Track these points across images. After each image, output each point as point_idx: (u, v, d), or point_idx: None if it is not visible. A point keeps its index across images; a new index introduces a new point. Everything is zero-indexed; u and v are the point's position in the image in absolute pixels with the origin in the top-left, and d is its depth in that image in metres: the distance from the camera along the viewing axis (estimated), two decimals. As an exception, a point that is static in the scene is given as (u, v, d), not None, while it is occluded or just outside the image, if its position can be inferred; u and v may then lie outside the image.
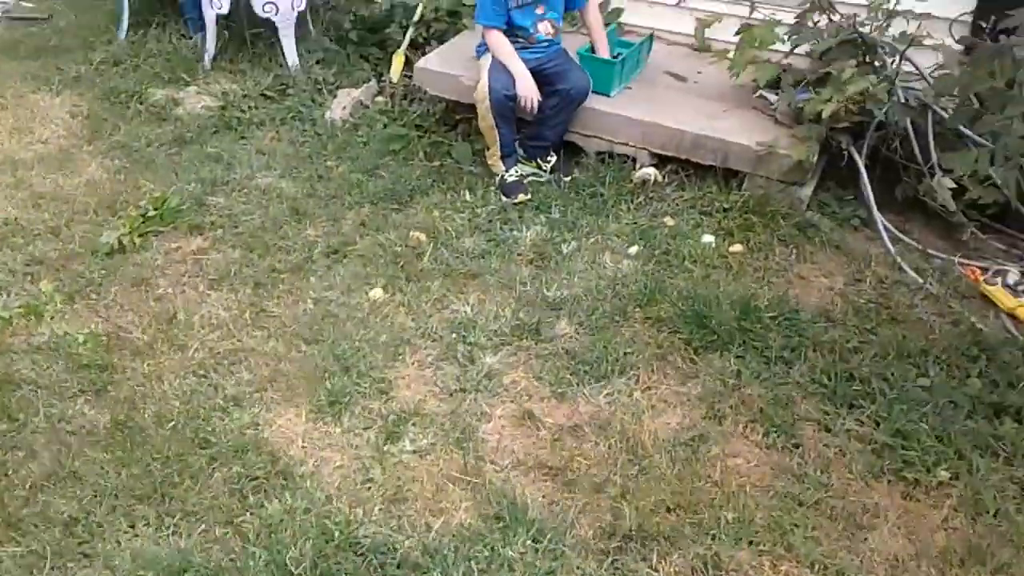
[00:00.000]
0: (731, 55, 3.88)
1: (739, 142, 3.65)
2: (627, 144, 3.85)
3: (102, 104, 4.25)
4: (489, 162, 3.87)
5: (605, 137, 3.88)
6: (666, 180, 3.82)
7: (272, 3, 4.34)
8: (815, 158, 3.59)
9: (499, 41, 3.70)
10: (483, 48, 3.81)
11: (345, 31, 4.70)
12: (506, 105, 3.67)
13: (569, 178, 3.89)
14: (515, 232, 3.57)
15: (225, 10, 4.37)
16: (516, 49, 3.73)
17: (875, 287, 3.34)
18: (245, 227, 3.53)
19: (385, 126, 4.25)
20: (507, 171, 3.81)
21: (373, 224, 3.59)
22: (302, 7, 4.47)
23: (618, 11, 4.48)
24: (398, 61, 4.54)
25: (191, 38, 4.68)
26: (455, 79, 4.01)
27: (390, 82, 4.52)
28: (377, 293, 3.21)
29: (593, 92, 3.81)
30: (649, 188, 3.79)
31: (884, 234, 3.53)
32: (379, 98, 4.46)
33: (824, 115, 3.42)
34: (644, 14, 4.48)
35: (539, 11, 3.76)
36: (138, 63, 4.56)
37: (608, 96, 3.89)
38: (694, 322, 3.07)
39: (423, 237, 3.54)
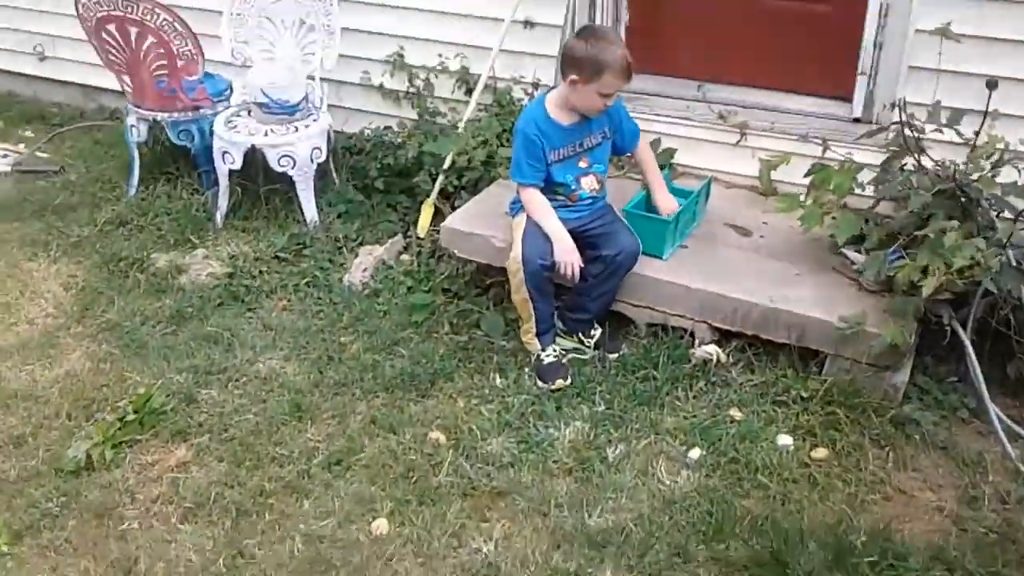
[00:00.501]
0: (803, 201, 3.32)
1: (818, 317, 3.06)
2: (684, 316, 3.28)
3: (100, 273, 3.87)
4: (523, 339, 3.34)
5: (658, 308, 3.32)
6: (730, 360, 3.23)
7: (289, 156, 3.95)
8: (912, 338, 2.97)
9: (535, 199, 3.21)
10: (518, 205, 3.33)
11: (371, 179, 4.28)
12: (543, 276, 3.16)
13: (616, 355, 3.33)
14: (551, 430, 3.01)
15: (238, 165, 4.00)
16: (555, 208, 3.24)
17: (995, 507, 2.69)
18: (237, 430, 3.04)
19: (409, 289, 3.77)
20: (544, 351, 3.27)
21: (385, 421, 3.07)
22: (322, 159, 4.07)
23: (670, 151, 3.97)
24: (426, 213, 4.09)
25: (203, 193, 4.31)
26: (485, 240, 3.52)
27: (416, 237, 4.06)
28: (381, 525, 2.66)
29: (643, 254, 3.28)
30: (711, 370, 3.20)
31: (999, 428, 2.86)
32: (404, 256, 4.00)
33: (925, 292, 2.81)
34: (699, 154, 3.96)
35: (583, 164, 3.27)
36: (145, 223, 4.19)
37: (660, 259, 3.34)
38: (772, 569, 2.45)
39: (443, 439, 3.00)
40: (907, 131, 3.12)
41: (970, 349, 2.96)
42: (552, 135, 3.16)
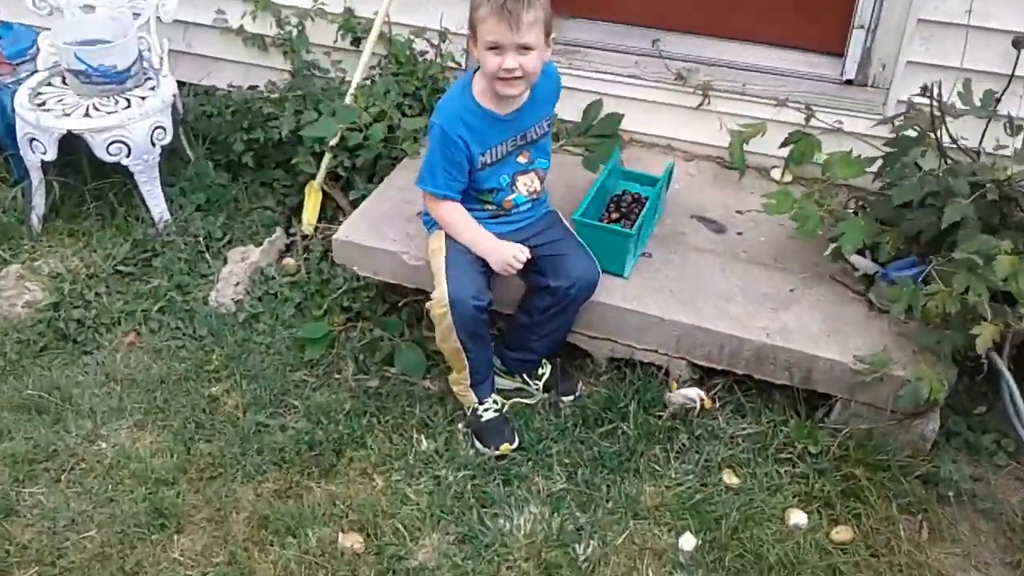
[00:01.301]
0: (795, 203, 2.64)
1: (827, 357, 2.42)
2: (656, 352, 2.60)
3: None
4: (454, 388, 2.60)
5: (622, 341, 2.62)
6: (717, 404, 2.59)
7: (121, 142, 2.98)
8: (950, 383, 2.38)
9: (450, 215, 2.45)
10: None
11: (237, 154, 3.35)
12: (479, 319, 2.40)
13: (572, 398, 2.64)
14: (501, 520, 2.32)
15: (51, 155, 3.00)
16: (482, 221, 2.48)
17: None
18: (75, 554, 2.22)
19: (299, 309, 2.95)
20: (482, 404, 2.54)
21: (279, 520, 2.31)
22: (167, 139, 3.11)
23: (616, 117, 3.21)
24: (312, 201, 3.23)
25: (15, 186, 3.29)
26: (393, 257, 2.71)
27: (302, 234, 3.20)
28: None
29: (601, 271, 2.57)
30: (693, 420, 2.55)
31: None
32: (288, 260, 3.15)
33: (980, 346, 2.21)
34: (652, 120, 3.22)
35: (522, 159, 2.49)
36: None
37: (621, 276, 2.63)
38: None
39: (358, 544, 2.28)
40: (934, 112, 2.46)
41: (1011, 383, 2.40)
42: (484, 131, 2.36)
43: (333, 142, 3.11)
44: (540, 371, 2.66)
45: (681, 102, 3.13)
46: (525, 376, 2.66)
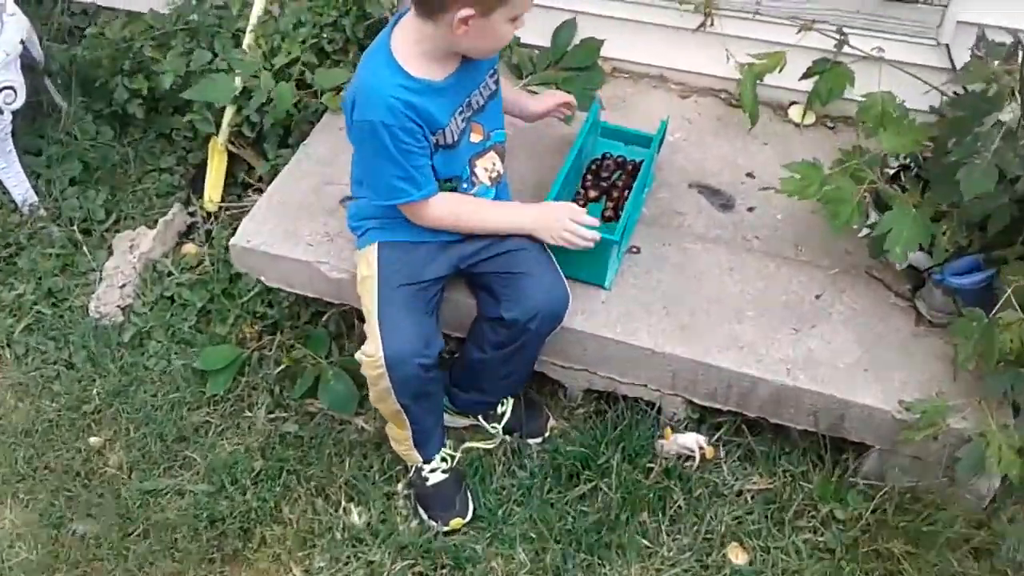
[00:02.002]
0: (823, 182, 1.99)
1: (863, 402, 1.86)
2: (646, 386, 2.04)
3: None
4: (393, 445, 2.05)
5: (602, 374, 2.05)
6: (721, 453, 2.05)
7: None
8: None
9: (448, 213, 1.84)
10: (367, 225, 1.91)
11: (121, 104, 2.66)
12: (425, 378, 1.82)
13: (540, 440, 2.11)
14: (453, 629, 1.84)
15: None
16: (427, 233, 1.86)
17: None
18: None
19: (201, 316, 2.37)
20: (428, 464, 2.00)
21: (172, 638, 1.84)
22: (16, 103, 2.41)
23: (594, 43, 2.50)
24: (215, 170, 2.58)
25: None
26: (310, 269, 2.10)
27: (203, 211, 2.57)
28: None
29: (578, 280, 1.98)
30: (691, 473, 2.02)
31: None
32: (188, 246, 2.54)
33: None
34: (640, 43, 2.52)
35: (476, 137, 1.86)
36: None
37: (603, 287, 2.03)
38: None
39: (272, 671, 1.80)
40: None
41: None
42: (427, 106, 1.70)
43: (235, 90, 2.42)
44: (500, 409, 2.10)
45: (676, 23, 2.42)
46: (480, 418, 2.11)
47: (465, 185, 1.87)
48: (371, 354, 1.78)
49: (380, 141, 1.69)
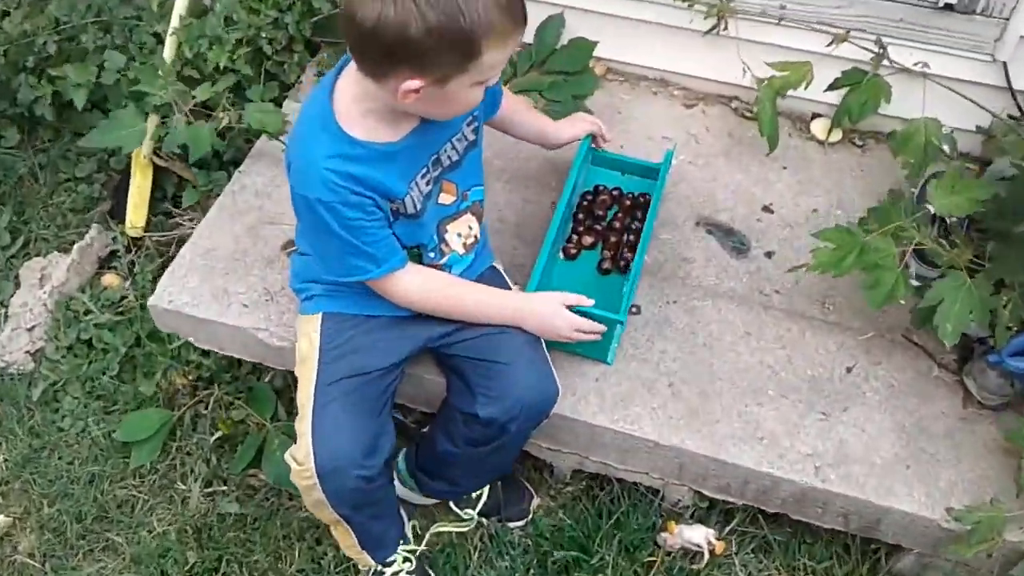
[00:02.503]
0: (862, 249, 1.67)
1: (904, 509, 1.59)
2: (646, 474, 1.75)
3: None
4: (342, 548, 1.73)
5: (595, 459, 1.76)
6: (733, 547, 1.78)
7: None
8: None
9: (426, 293, 1.51)
10: (311, 290, 1.57)
11: (25, 105, 2.25)
12: (365, 490, 1.50)
13: (522, 523, 1.82)
14: None
15: None
16: (388, 309, 1.53)
17: None
18: None
19: (125, 362, 2.03)
20: (386, 566, 1.70)
21: None
22: None
23: (587, 44, 2.14)
24: (138, 189, 2.19)
25: None
26: (244, 335, 1.76)
27: (126, 238, 2.20)
28: None
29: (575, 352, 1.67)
30: (699, 570, 1.75)
31: None
32: (109, 276, 2.17)
33: None
34: (641, 46, 2.17)
35: (447, 199, 1.53)
36: None
37: (604, 362, 1.72)
38: None
39: None
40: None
41: None
42: (374, 175, 1.35)
43: (157, 102, 2.02)
44: (475, 493, 1.80)
45: (684, 24, 2.06)
46: (452, 503, 1.81)
47: (432, 255, 1.53)
48: (300, 461, 1.46)
49: (321, 219, 1.35)
